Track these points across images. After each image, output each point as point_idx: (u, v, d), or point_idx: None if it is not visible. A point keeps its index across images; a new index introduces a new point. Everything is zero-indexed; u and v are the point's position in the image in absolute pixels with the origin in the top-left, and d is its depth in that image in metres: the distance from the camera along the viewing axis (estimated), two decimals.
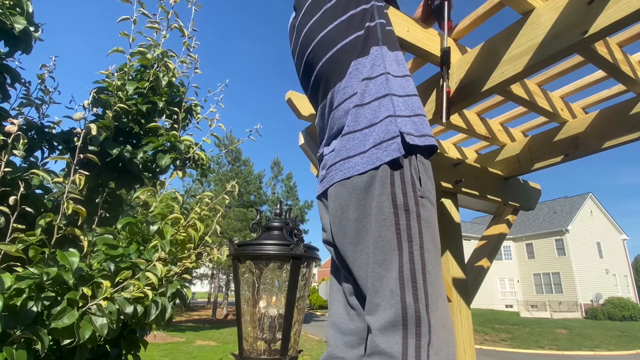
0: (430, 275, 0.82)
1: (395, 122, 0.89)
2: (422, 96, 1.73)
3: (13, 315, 1.12)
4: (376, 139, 0.89)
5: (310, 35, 1.11)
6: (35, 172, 1.45)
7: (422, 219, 0.86)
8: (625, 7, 1.05)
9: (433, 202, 0.91)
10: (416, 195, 0.87)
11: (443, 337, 0.79)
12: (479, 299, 25.28)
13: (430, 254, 0.84)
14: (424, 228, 0.85)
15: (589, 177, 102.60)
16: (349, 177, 0.91)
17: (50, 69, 1.97)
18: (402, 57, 1.07)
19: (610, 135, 1.90)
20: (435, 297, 0.80)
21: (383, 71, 0.97)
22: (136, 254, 1.49)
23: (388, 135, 0.88)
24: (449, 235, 2.24)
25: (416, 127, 0.92)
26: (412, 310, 0.78)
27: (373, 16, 1.04)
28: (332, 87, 1.03)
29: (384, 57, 0.99)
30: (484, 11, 1.52)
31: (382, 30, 1.04)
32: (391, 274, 0.81)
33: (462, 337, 2.04)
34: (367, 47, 1.00)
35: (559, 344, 16.99)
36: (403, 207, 0.85)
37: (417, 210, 0.85)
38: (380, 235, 0.84)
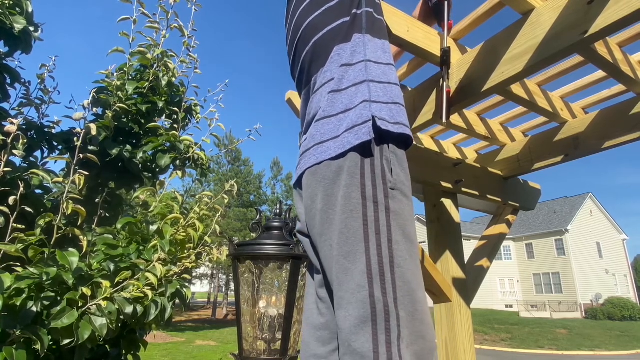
0: (400, 268, 0.80)
1: (370, 107, 0.88)
2: (422, 96, 1.73)
3: (13, 315, 1.12)
4: (349, 124, 0.88)
5: (300, 23, 1.11)
6: (35, 172, 1.45)
7: (392, 211, 0.83)
8: (625, 7, 1.05)
9: (406, 193, 0.88)
10: (386, 187, 0.85)
11: (416, 329, 0.77)
12: (479, 299, 25.28)
13: (400, 246, 0.82)
14: (393, 221, 0.83)
15: (589, 177, 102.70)
16: (321, 162, 0.89)
17: (50, 68, 1.97)
18: (389, 47, 1.05)
19: (610, 135, 1.90)
20: (405, 291, 0.78)
21: (363, 58, 0.96)
22: (136, 254, 1.49)
23: (361, 119, 0.87)
24: (449, 235, 2.24)
25: (392, 114, 0.91)
26: (381, 304, 0.76)
27: (360, 4, 1.04)
28: (315, 73, 1.03)
29: (365, 45, 0.98)
30: (484, 11, 1.52)
31: (368, 18, 1.03)
32: (357, 267, 0.79)
33: (462, 337, 2.04)
34: (350, 34, 0.99)
35: (558, 344, 16.99)
36: (372, 199, 0.83)
37: (387, 203, 0.84)
38: (346, 226, 0.82)
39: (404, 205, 0.86)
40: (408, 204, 0.88)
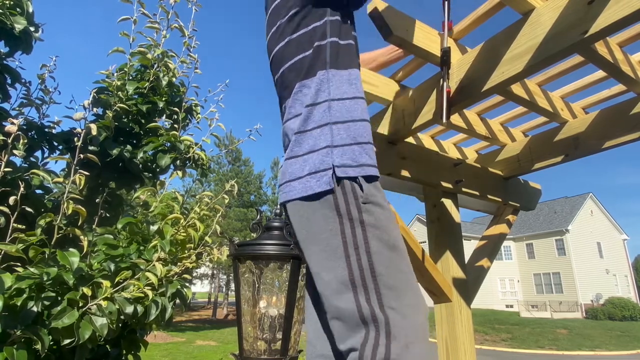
0: (381, 276, 0.83)
1: (332, 153, 0.91)
2: (422, 96, 1.73)
3: (13, 315, 1.12)
4: (312, 167, 0.92)
5: (270, 47, 1.13)
6: (35, 172, 1.45)
7: (367, 224, 0.87)
8: (625, 7, 1.05)
9: (380, 202, 0.91)
10: (358, 202, 0.88)
11: (407, 331, 0.79)
12: (479, 299, 25.28)
13: (381, 255, 0.85)
14: (369, 233, 0.86)
15: (589, 177, 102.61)
16: (289, 201, 0.95)
17: (50, 68, 1.97)
18: (357, 76, 1.04)
19: (610, 135, 1.90)
20: (390, 297, 0.81)
21: (327, 97, 0.97)
22: (136, 254, 1.49)
23: (322, 166, 0.91)
24: (449, 235, 2.24)
25: (354, 155, 0.92)
26: (368, 311, 0.80)
27: (325, 34, 1.02)
28: (284, 102, 1.07)
29: (329, 82, 0.98)
30: (484, 11, 1.52)
31: (332, 50, 1.01)
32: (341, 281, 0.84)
33: (462, 337, 2.04)
34: (314, 69, 1.00)
35: (559, 344, 16.98)
36: (347, 216, 0.87)
37: (360, 217, 0.87)
38: (328, 244, 0.87)
39: (379, 215, 0.89)
40: (383, 212, 0.90)
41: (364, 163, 0.93)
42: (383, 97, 1.92)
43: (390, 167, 1.89)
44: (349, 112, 0.97)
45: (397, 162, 1.92)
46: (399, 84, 1.99)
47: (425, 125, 1.72)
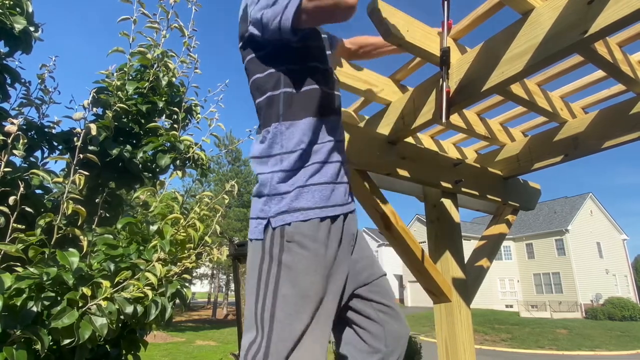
0: (279, 322, 0.84)
1: (270, 202, 0.95)
2: (422, 96, 1.73)
3: (13, 315, 1.12)
4: (254, 211, 0.99)
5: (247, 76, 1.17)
6: (35, 172, 1.45)
7: (284, 264, 0.88)
8: (625, 7, 1.05)
9: (305, 244, 0.90)
10: (282, 241, 0.91)
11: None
12: (479, 298, 25.29)
13: (286, 301, 0.86)
14: (284, 273, 0.88)
15: (589, 177, 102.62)
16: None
17: (50, 68, 1.97)
18: (308, 124, 1.01)
19: (610, 135, 1.90)
20: (279, 347, 0.83)
21: (279, 151, 1.00)
22: (136, 254, 1.49)
23: (261, 213, 0.96)
24: (449, 235, 2.24)
25: (291, 203, 0.94)
26: (253, 355, 0.85)
27: (278, 83, 1.03)
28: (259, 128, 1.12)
29: (282, 135, 1.00)
30: (483, 11, 1.52)
31: (285, 101, 1.01)
32: (250, 316, 0.89)
33: (462, 336, 2.04)
34: (268, 121, 1.03)
35: (559, 344, 16.98)
36: (269, 252, 0.91)
37: (280, 257, 0.89)
38: (251, 277, 0.92)
39: (301, 258, 0.89)
40: (307, 256, 0.90)
41: (300, 207, 0.94)
42: (383, 97, 1.92)
43: (390, 167, 1.89)
44: (295, 162, 0.98)
45: (396, 162, 1.92)
46: (398, 84, 1.99)
47: (425, 125, 1.72)
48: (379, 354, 1.05)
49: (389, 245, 2.46)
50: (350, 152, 1.73)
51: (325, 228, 0.94)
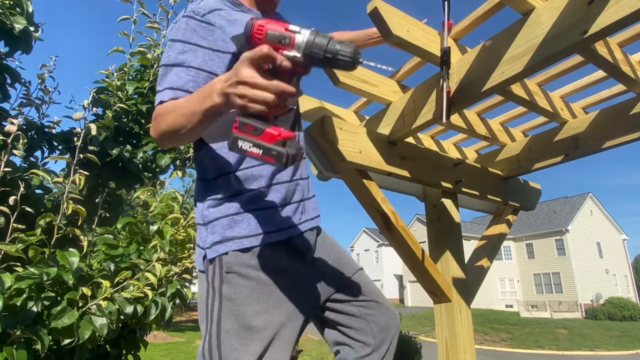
0: (225, 356, 0.83)
1: (206, 230, 0.94)
2: (422, 96, 1.73)
3: (13, 315, 1.12)
4: (197, 239, 1.00)
5: None
6: (35, 172, 1.45)
7: (224, 297, 0.87)
8: (625, 7, 1.05)
9: (245, 273, 0.88)
10: (222, 272, 0.89)
11: None
12: (479, 299, 25.28)
13: (231, 334, 0.84)
14: (225, 308, 0.86)
15: (589, 177, 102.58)
16: None
17: (50, 68, 1.97)
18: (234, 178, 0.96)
19: (610, 135, 1.90)
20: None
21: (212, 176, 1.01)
22: (136, 254, 1.49)
23: (200, 243, 0.96)
24: (449, 235, 2.24)
25: (223, 232, 0.91)
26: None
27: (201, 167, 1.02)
28: None
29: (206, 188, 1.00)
30: (484, 11, 1.52)
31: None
32: (201, 351, 0.88)
33: (462, 336, 2.04)
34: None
35: (559, 344, 16.98)
36: (211, 285, 0.89)
37: (220, 289, 0.88)
38: (199, 312, 0.94)
39: (242, 288, 0.87)
40: (247, 285, 0.87)
41: (234, 236, 0.90)
42: (383, 97, 1.92)
43: (390, 167, 1.89)
44: (233, 186, 0.94)
45: (397, 162, 1.92)
46: (399, 84, 1.99)
47: (425, 125, 1.72)
48: (369, 347, 1.06)
49: (389, 245, 2.46)
50: (350, 152, 1.73)
51: (268, 253, 0.91)
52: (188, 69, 0.87)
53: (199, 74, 0.88)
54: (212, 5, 0.94)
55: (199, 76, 0.87)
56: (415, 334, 7.47)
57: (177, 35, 0.90)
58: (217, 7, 0.94)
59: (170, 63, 0.89)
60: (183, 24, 0.90)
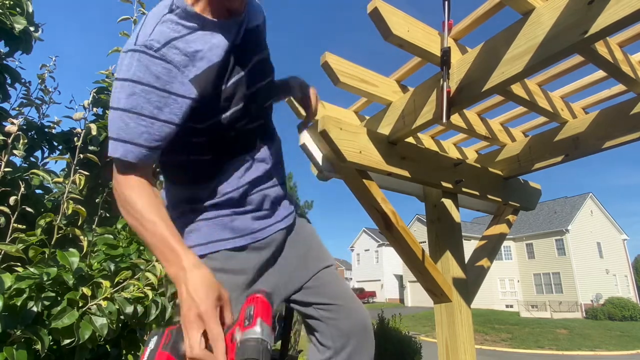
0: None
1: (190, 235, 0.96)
2: (422, 96, 1.73)
3: (13, 315, 1.12)
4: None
5: None
6: (35, 172, 1.45)
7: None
8: (625, 7, 1.05)
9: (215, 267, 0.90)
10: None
11: None
12: (479, 299, 25.25)
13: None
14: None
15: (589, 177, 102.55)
16: None
17: (50, 68, 1.97)
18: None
19: (610, 135, 1.90)
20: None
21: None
22: (136, 254, 1.49)
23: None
24: (449, 235, 2.24)
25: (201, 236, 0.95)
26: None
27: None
28: None
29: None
30: (484, 11, 1.52)
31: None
32: None
33: (462, 336, 2.04)
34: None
35: (559, 344, 16.98)
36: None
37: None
38: None
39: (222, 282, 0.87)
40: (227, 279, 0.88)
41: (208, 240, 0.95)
42: (383, 97, 1.92)
43: (391, 167, 1.89)
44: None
45: (397, 162, 1.92)
46: (399, 84, 1.99)
47: (425, 125, 1.72)
48: (329, 351, 1.04)
49: (389, 245, 2.46)
50: (350, 152, 1.73)
51: (222, 258, 0.94)
52: (139, 117, 0.78)
53: (152, 123, 0.79)
54: (166, 36, 0.80)
55: (153, 126, 0.79)
56: (415, 334, 7.47)
57: (127, 73, 0.78)
58: (172, 36, 0.80)
59: (119, 107, 0.78)
60: (134, 60, 0.78)
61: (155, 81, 0.78)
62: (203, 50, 0.83)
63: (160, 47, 0.79)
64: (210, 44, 0.85)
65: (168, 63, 0.79)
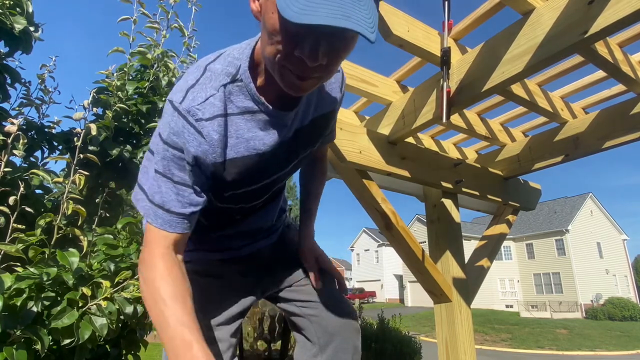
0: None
1: None
2: (422, 96, 1.73)
3: (13, 315, 1.12)
4: None
5: None
6: (35, 172, 1.45)
7: None
8: (625, 7, 1.05)
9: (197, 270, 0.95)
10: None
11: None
12: (479, 299, 25.25)
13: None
14: None
15: (589, 177, 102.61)
16: None
17: (50, 68, 1.97)
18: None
19: (610, 135, 1.90)
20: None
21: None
22: (136, 254, 1.49)
23: None
24: (449, 235, 2.24)
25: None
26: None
27: None
28: None
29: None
30: (484, 11, 1.52)
31: None
32: None
33: (462, 336, 2.04)
34: None
35: (559, 344, 16.97)
36: None
37: None
38: None
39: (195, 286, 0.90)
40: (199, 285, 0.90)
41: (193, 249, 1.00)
42: (383, 97, 1.92)
43: (391, 167, 1.89)
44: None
45: (397, 162, 1.92)
46: (399, 84, 1.99)
47: (425, 125, 1.72)
48: (315, 347, 1.05)
49: (389, 245, 2.45)
50: (350, 152, 1.73)
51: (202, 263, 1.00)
52: (171, 184, 0.76)
53: (183, 190, 0.76)
54: (215, 111, 0.75)
55: (182, 193, 0.76)
56: (415, 334, 7.46)
57: (163, 134, 0.75)
58: (220, 112, 0.76)
59: (156, 169, 0.76)
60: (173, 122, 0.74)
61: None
62: (245, 137, 0.79)
63: (204, 119, 0.74)
64: (256, 134, 0.80)
65: (203, 137, 0.75)
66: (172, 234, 0.77)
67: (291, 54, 0.64)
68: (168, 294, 0.72)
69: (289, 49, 0.63)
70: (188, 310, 0.72)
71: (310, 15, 0.54)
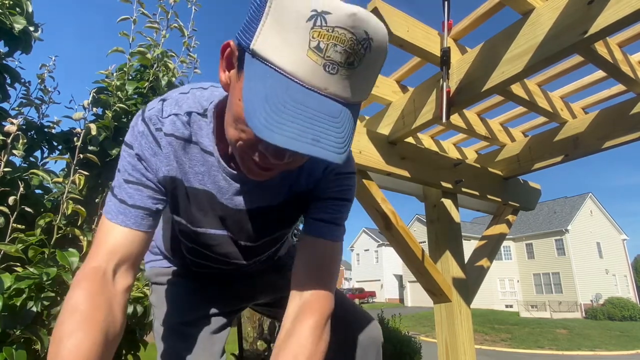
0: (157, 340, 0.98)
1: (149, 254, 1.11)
2: (422, 96, 1.73)
3: (13, 316, 1.12)
4: None
5: None
6: (35, 172, 1.45)
7: (153, 305, 1.04)
8: (625, 7, 1.05)
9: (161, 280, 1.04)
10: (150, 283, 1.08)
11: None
12: (479, 299, 25.27)
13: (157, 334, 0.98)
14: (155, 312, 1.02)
15: (589, 177, 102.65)
16: None
17: (50, 68, 1.97)
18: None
19: (610, 135, 1.90)
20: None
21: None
22: None
23: None
24: (449, 235, 2.24)
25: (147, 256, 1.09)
26: None
27: None
28: None
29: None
30: (484, 11, 1.52)
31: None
32: None
33: (462, 337, 2.04)
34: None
35: (558, 344, 16.98)
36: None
37: (150, 300, 1.06)
38: None
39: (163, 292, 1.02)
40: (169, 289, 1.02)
41: (149, 260, 1.09)
42: (383, 97, 1.92)
43: (390, 167, 1.89)
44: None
45: (397, 162, 1.92)
46: (398, 84, 1.99)
47: (425, 125, 1.72)
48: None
49: (389, 245, 2.45)
50: None
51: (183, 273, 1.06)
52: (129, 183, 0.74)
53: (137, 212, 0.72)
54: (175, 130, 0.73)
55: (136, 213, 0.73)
56: (415, 334, 7.46)
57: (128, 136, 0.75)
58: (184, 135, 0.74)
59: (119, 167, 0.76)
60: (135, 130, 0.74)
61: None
62: (197, 170, 0.76)
63: (164, 132, 0.73)
64: (210, 176, 0.77)
65: (160, 148, 0.73)
66: (124, 231, 0.70)
67: (255, 147, 0.59)
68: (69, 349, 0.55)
69: (254, 141, 0.58)
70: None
71: (274, 133, 0.49)
